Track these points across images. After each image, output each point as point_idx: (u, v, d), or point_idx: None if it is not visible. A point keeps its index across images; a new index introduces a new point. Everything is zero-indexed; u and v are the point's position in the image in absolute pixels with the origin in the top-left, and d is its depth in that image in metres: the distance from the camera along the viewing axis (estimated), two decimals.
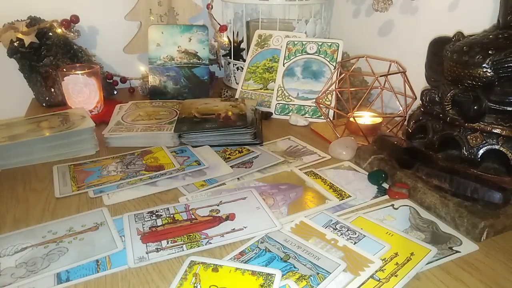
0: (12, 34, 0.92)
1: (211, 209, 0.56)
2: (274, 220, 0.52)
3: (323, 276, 0.42)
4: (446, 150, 0.61)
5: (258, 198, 0.58)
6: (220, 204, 0.57)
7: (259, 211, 0.55)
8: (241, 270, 0.42)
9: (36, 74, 0.97)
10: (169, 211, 0.55)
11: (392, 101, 0.88)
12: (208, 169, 0.67)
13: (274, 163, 0.70)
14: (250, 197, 0.59)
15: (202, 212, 0.55)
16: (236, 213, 0.54)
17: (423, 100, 0.64)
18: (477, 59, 0.54)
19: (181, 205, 0.57)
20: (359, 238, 0.49)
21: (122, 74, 1.13)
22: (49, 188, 0.62)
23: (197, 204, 0.57)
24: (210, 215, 0.54)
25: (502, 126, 0.54)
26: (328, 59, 0.92)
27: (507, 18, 0.56)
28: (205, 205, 0.57)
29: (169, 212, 0.55)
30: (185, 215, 0.54)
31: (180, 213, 0.55)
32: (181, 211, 0.55)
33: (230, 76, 1.15)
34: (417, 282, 0.43)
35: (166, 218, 0.54)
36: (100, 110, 0.91)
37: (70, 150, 0.73)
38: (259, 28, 1.05)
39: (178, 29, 1.02)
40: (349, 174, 0.67)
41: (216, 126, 0.76)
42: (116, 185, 0.62)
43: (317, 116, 0.90)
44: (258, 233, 0.50)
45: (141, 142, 0.76)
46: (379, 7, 0.85)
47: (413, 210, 0.56)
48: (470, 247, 0.49)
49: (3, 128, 0.74)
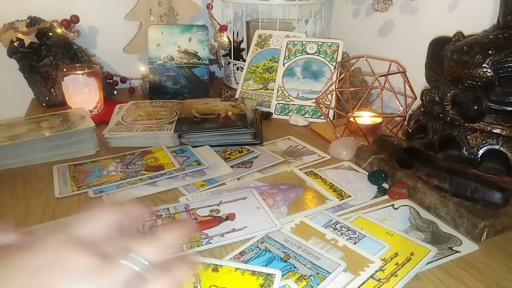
0: (12, 34, 0.92)
1: (211, 209, 0.56)
2: (274, 220, 0.52)
3: (323, 276, 0.42)
4: (446, 150, 0.61)
5: (258, 198, 0.58)
6: (220, 204, 0.57)
7: (259, 211, 0.55)
8: (241, 270, 0.42)
9: (36, 74, 0.97)
10: (169, 211, 0.55)
11: (392, 101, 0.88)
12: (208, 169, 0.67)
13: (274, 163, 0.70)
14: (250, 197, 0.58)
15: (202, 212, 0.55)
16: (236, 213, 0.54)
17: (423, 100, 0.64)
18: (477, 59, 0.54)
19: (181, 205, 0.57)
20: (359, 238, 0.49)
21: (122, 74, 1.13)
22: (49, 188, 0.62)
23: (197, 204, 0.57)
24: (210, 215, 0.54)
25: (502, 126, 0.54)
26: (328, 59, 0.92)
27: (507, 18, 0.56)
28: (205, 205, 0.57)
29: (169, 212, 0.55)
30: (185, 215, 0.54)
31: (180, 213, 0.55)
32: (181, 211, 0.55)
33: (230, 76, 1.15)
34: (417, 282, 0.43)
35: (166, 218, 0.54)
36: (100, 110, 0.91)
37: (70, 150, 0.72)
38: (259, 28, 1.05)
39: (178, 29, 1.02)
40: (349, 174, 0.67)
41: (216, 126, 0.76)
42: (116, 185, 0.62)
43: (317, 116, 0.90)
44: (258, 233, 0.50)
45: (141, 142, 0.76)
46: (379, 7, 0.85)
47: (413, 210, 0.56)
48: (470, 247, 0.49)
49: (3, 128, 0.74)
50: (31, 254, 0.28)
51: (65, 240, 0.29)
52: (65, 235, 0.30)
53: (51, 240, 0.29)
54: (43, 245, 0.29)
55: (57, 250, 0.28)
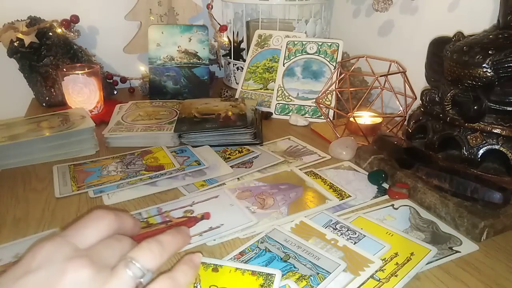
0: (12, 34, 0.92)
1: (184, 210, 0.55)
2: (249, 215, 0.53)
3: (323, 276, 0.42)
4: (446, 150, 0.61)
5: (230, 196, 0.58)
6: (193, 204, 0.57)
7: (233, 208, 0.55)
8: (241, 270, 0.42)
9: (36, 74, 0.97)
10: (142, 215, 0.54)
11: (392, 101, 0.88)
12: (208, 169, 0.67)
13: (274, 163, 0.70)
14: (222, 195, 0.59)
15: (176, 213, 0.54)
16: (210, 211, 0.54)
17: (423, 100, 0.64)
18: (477, 59, 0.54)
19: (153, 209, 0.56)
20: (359, 238, 0.49)
21: (122, 74, 1.13)
22: (49, 188, 0.62)
23: (169, 207, 0.56)
24: (184, 216, 0.54)
25: (502, 126, 0.54)
26: (328, 59, 0.92)
27: (507, 18, 0.56)
28: (177, 207, 0.56)
29: (142, 217, 0.54)
30: (159, 218, 0.54)
31: (154, 217, 0.54)
32: (154, 215, 0.54)
33: (230, 76, 1.15)
34: (417, 282, 0.43)
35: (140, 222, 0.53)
36: (100, 110, 0.91)
37: (70, 150, 0.72)
38: (259, 28, 1.05)
39: (178, 29, 1.02)
40: (349, 174, 0.67)
41: (216, 126, 0.76)
42: (116, 185, 0.62)
43: (317, 116, 0.90)
44: (236, 228, 0.51)
45: (141, 142, 0.76)
46: (379, 7, 0.86)
47: (413, 210, 0.56)
48: (470, 247, 0.49)
49: (3, 128, 0.74)
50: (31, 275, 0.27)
51: (59, 253, 0.29)
52: (61, 245, 0.29)
53: (47, 253, 0.29)
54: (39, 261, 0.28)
55: (53, 266, 0.28)
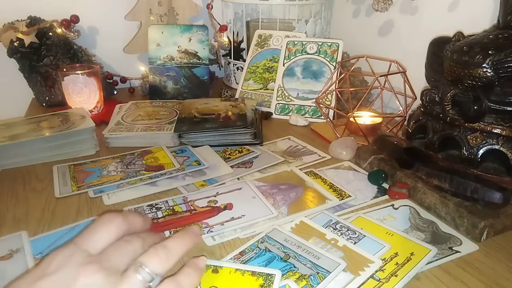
0: (12, 34, 0.92)
1: (209, 200, 0.57)
2: (270, 207, 0.55)
3: (323, 275, 0.42)
4: (446, 150, 0.61)
5: (253, 188, 0.60)
6: (217, 195, 0.59)
7: (255, 200, 0.57)
8: (241, 271, 0.42)
9: (36, 74, 0.97)
10: (168, 203, 0.57)
11: (392, 101, 0.88)
12: (208, 169, 0.67)
13: (274, 163, 0.70)
14: (245, 187, 0.61)
15: (200, 203, 0.57)
16: (233, 202, 0.56)
17: (423, 100, 0.64)
18: (477, 59, 0.54)
19: (179, 197, 0.58)
20: (359, 238, 0.49)
21: (122, 74, 1.13)
22: (49, 188, 0.62)
23: (195, 196, 0.59)
24: (208, 205, 0.56)
25: (502, 126, 0.54)
26: (328, 59, 0.92)
27: (507, 18, 0.56)
28: (202, 197, 0.58)
29: (168, 205, 0.56)
30: (184, 207, 0.56)
31: (179, 205, 0.56)
32: (180, 203, 0.57)
33: (230, 76, 1.15)
34: (417, 282, 0.43)
35: (166, 210, 0.55)
36: (100, 110, 0.91)
37: (70, 150, 0.72)
38: (259, 28, 1.05)
39: (178, 29, 1.02)
40: (349, 174, 0.67)
41: (216, 126, 0.76)
42: (116, 185, 0.62)
43: (317, 116, 0.90)
44: (257, 220, 0.52)
45: (141, 142, 0.76)
46: (379, 7, 0.85)
47: (413, 210, 0.56)
48: (470, 247, 0.49)
49: (3, 128, 0.74)
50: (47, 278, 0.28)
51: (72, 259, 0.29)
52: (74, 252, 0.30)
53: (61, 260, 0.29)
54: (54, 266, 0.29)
55: (67, 271, 0.28)
